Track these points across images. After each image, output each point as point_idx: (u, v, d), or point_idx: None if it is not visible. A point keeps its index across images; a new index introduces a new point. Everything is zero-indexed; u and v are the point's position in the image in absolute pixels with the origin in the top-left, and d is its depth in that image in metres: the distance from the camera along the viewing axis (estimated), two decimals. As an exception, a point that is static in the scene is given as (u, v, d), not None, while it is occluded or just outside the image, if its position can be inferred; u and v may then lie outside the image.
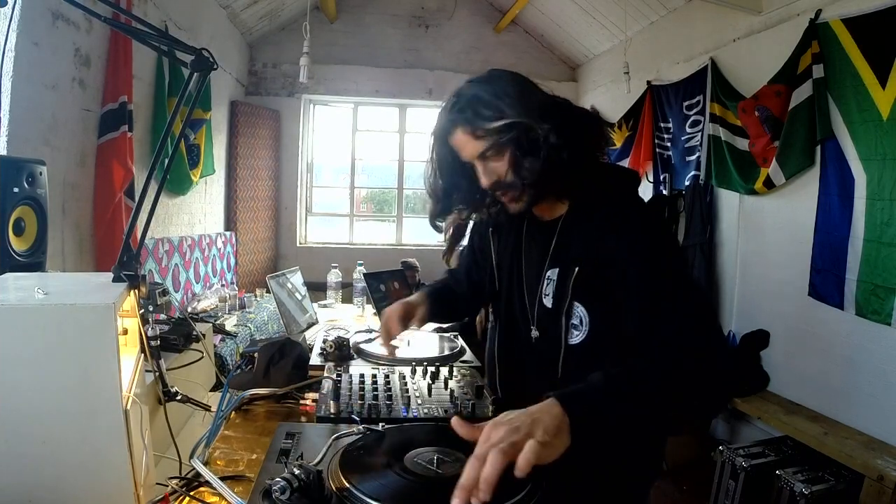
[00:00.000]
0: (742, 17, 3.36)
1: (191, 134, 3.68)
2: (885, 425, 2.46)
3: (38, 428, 0.82)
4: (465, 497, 0.64)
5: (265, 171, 5.26)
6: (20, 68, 2.01)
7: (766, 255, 3.22)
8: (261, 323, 3.47)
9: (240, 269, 4.87)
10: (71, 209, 2.44)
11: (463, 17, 5.58)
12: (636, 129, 4.44)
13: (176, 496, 0.94)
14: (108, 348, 0.82)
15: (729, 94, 3.38)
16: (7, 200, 1.43)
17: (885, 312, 2.42)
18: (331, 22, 5.36)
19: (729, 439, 3.33)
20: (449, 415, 1.16)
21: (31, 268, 1.48)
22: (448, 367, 1.45)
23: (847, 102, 2.60)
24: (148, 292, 1.07)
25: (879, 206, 2.46)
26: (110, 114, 2.62)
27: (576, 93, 5.80)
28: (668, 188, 4.03)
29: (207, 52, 1.12)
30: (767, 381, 3.13)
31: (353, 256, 3.70)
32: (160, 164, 2.27)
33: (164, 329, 1.67)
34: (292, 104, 5.44)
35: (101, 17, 1.24)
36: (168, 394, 1.30)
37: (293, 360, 1.45)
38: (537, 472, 0.68)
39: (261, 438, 1.14)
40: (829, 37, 2.67)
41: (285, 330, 2.02)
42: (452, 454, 0.91)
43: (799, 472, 2.37)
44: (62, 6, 2.22)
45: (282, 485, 0.73)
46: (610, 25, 4.73)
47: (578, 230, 0.94)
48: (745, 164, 3.24)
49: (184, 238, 3.72)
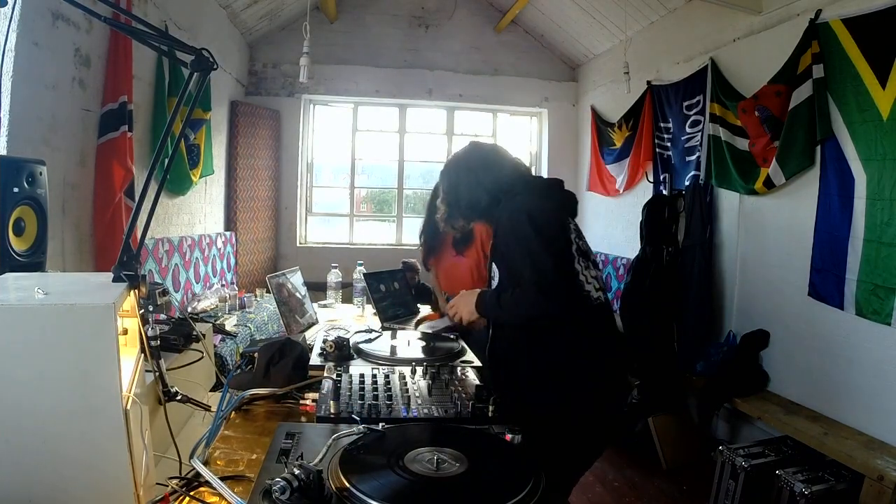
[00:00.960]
0: (742, 17, 3.36)
1: (191, 134, 3.68)
2: (885, 425, 2.46)
3: (39, 427, 0.82)
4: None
5: (265, 171, 5.26)
6: (20, 68, 2.01)
7: (766, 255, 3.22)
8: (261, 323, 3.47)
9: (240, 269, 4.87)
10: (71, 209, 2.44)
11: (463, 17, 5.58)
12: (636, 129, 4.44)
13: (176, 496, 0.94)
14: (108, 348, 0.82)
15: (729, 94, 3.38)
16: (7, 200, 1.43)
17: (885, 312, 2.42)
18: (331, 22, 5.36)
19: (729, 439, 3.33)
20: (449, 415, 1.17)
21: (31, 268, 1.49)
22: (448, 367, 1.45)
23: (847, 102, 2.60)
24: (148, 292, 1.07)
25: (879, 206, 2.46)
26: (110, 114, 2.62)
27: (576, 93, 5.81)
28: (668, 188, 4.03)
29: (207, 52, 1.13)
30: (767, 381, 3.14)
31: (353, 256, 3.70)
32: (160, 164, 2.27)
33: (164, 329, 1.67)
34: (292, 104, 5.44)
35: (101, 17, 1.24)
36: (168, 394, 1.30)
37: (293, 360, 1.46)
38: (537, 472, 0.68)
39: (261, 438, 1.14)
40: (829, 37, 2.67)
41: (285, 330, 2.02)
42: (452, 454, 0.91)
43: (799, 472, 2.37)
44: (62, 6, 2.22)
45: (282, 485, 0.73)
46: (610, 25, 4.73)
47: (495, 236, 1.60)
48: (745, 164, 3.25)
49: (184, 238, 3.72)
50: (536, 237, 1.41)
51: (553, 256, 1.40)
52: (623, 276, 4.47)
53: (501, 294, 1.47)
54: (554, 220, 1.48)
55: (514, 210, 1.49)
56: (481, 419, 1.14)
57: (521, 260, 1.43)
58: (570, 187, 1.70)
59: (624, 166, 4.66)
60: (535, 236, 1.41)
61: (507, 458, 0.94)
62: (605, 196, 5.12)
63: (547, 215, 1.47)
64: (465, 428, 1.06)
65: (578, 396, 1.43)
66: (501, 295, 1.47)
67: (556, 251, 1.42)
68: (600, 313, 1.51)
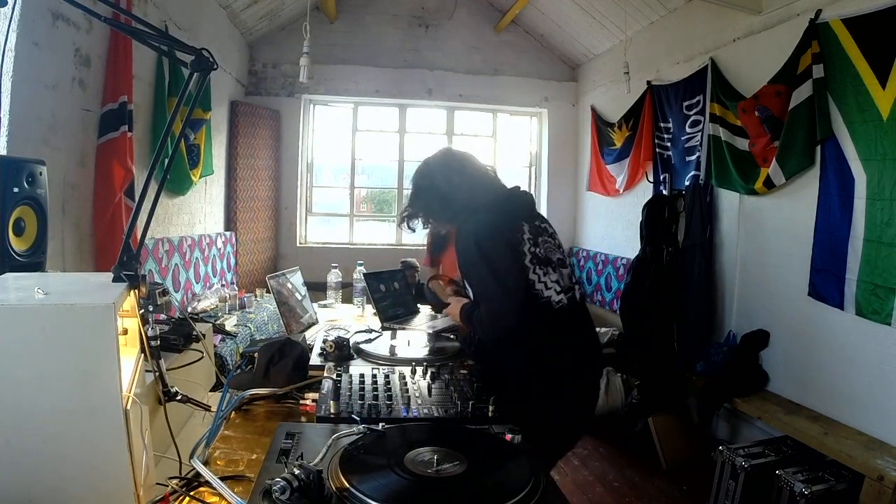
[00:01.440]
0: (742, 17, 3.36)
1: (191, 134, 3.68)
2: (885, 425, 2.46)
3: (39, 427, 0.82)
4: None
5: (265, 171, 5.26)
6: (20, 68, 2.01)
7: (766, 255, 3.22)
8: (261, 323, 3.48)
9: (240, 269, 4.87)
10: (71, 209, 2.44)
11: (463, 17, 5.57)
12: (636, 129, 4.44)
13: (176, 496, 0.94)
14: (108, 348, 0.82)
15: (729, 94, 3.38)
16: (7, 200, 1.43)
17: (885, 312, 2.42)
18: (331, 22, 5.36)
19: (729, 439, 3.33)
20: (449, 415, 1.17)
21: (31, 268, 1.49)
22: (448, 367, 1.45)
23: (847, 102, 2.60)
24: (148, 292, 1.07)
25: (879, 206, 2.46)
26: (110, 114, 2.62)
27: (576, 93, 5.81)
28: (668, 188, 4.03)
29: (207, 52, 1.13)
30: (767, 381, 3.14)
31: (353, 256, 3.70)
32: (160, 164, 2.27)
33: (164, 329, 1.67)
34: (292, 104, 5.44)
35: (101, 17, 1.24)
36: (168, 394, 1.30)
37: (293, 360, 1.46)
38: (537, 472, 0.69)
39: (261, 438, 1.14)
40: (829, 37, 2.67)
41: (285, 330, 2.02)
42: (452, 454, 0.91)
43: (799, 472, 2.37)
44: (62, 6, 2.22)
45: (282, 485, 0.73)
46: (610, 25, 4.73)
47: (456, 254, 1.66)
48: (745, 164, 3.25)
49: (184, 238, 3.72)
50: (483, 263, 1.51)
51: (500, 281, 1.50)
52: (623, 276, 4.47)
53: (473, 312, 1.59)
54: (500, 242, 1.54)
55: (466, 233, 1.59)
56: (481, 419, 1.14)
57: (475, 284, 1.59)
58: (570, 187, 1.77)
59: (624, 166, 4.66)
60: (482, 263, 1.52)
61: (507, 458, 0.94)
62: (605, 196, 5.11)
63: (494, 238, 1.54)
64: (465, 428, 1.06)
65: (543, 399, 1.50)
66: (473, 313, 1.59)
67: (503, 274, 1.50)
68: (562, 317, 1.58)
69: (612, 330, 4.36)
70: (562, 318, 1.58)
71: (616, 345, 4.22)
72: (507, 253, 1.53)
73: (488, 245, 1.53)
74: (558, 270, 1.61)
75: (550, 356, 1.55)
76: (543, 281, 1.56)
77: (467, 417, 1.16)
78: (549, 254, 1.62)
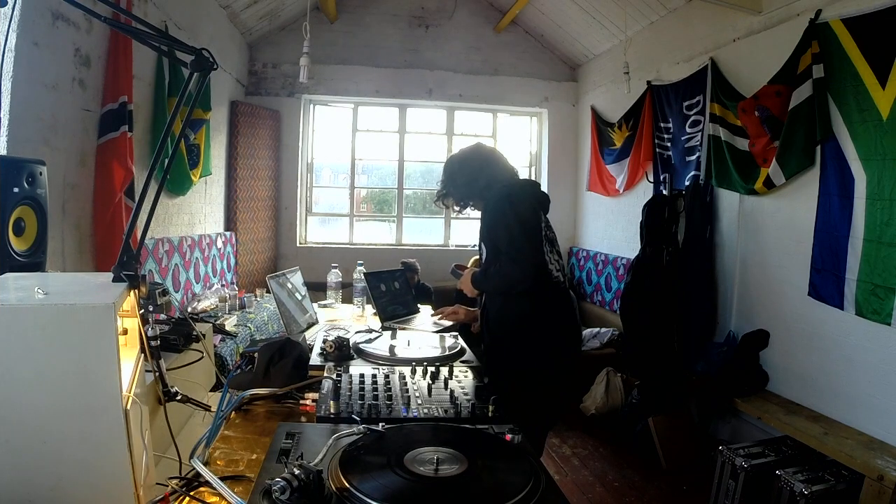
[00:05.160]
0: (742, 17, 3.36)
1: (191, 134, 3.68)
2: (885, 425, 2.46)
3: (38, 427, 0.82)
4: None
5: (265, 171, 5.26)
6: (20, 68, 2.01)
7: (766, 255, 3.22)
8: (261, 323, 3.47)
9: (240, 269, 4.87)
10: (71, 209, 2.44)
11: (463, 17, 5.57)
12: (636, 129, 4.44)
13: (176, 496, 0.94)
14: (108, 348, 0.82)
15: (729, 94, 3.38)
16: (7, 200, 1.43)
17: (885, 312, 2.42)
18: (331, 22, 5.36)
19: (729, 439, 3.33)
20: (449, 415, 1.17)
21: (31, 268, 1.49)
22: (448, 367, 1.45)
23: (847, 103, 2.60)
24: (148, 292, 1.07)
25: (879, 206, 2.46)
26: (110, 114, 2.62)
27: (576, 93, 5.81)
28: (669, 188, 4.02)
29: (207, 52, 1.13)
30: (767, 381, 3.14)
31: (353, 256, 3.70)
32: (160, 164, 2.27)
33: (164, 329, 1.67)
34: (292, 104, 5.44)
35: (101, 17, 1.24)
36: (168, 394, 1.30)
37: (293, 360, 1.46)
38: (537, 472, 0.70)
39: (261, 438, 1.14)
40: (829, 37, 2.67)
41: (285, 330, 2.02)
42: (452, 454, 0.91)
43: (799, 472, 2.37)
44: (62, 6, 2.22)
45: (282, 485, 0.73)
46: (610, 25, 4.73)
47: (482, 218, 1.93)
48: (745, 164, 3.25)
49: (184, 238, 3.72)
50: (514, 216, 1.76)
51: (526, 233, 1.76)
52: (623, 276, 4.47)
53: (487, 269, 1.87)
54: (529, 206, 1.82)
55: (499, 197, 1.84)
56: (481, 419, 1.14)
57: (500, 235, 1.80)
58: (570, 187, 1.87)
59: (624, 166, 4.66)
60: (512, 215, 1.77)
61: (507, 458, 0.94)
62: (605, 196, 5.11)
63: (525, 201, 1.82)
64: (465, 428, 1.06)
65: (538, 348, 1.79)
66: (487, 270, 1.87)
67: (529, 229, 1.77)
68: (559, 290, 1.88)
69: (612, 330, 4.37)
70: (558, 290, 1.88)
71: (616, 345, 4.23)
72: (535, 217, 1.82)
73: (522, 205, 1.80)
74: (559, 257, 1.92)
75: (547, 314, 1.82)
76: (549, 256, 1.85)
77: (467, 417, 1.16)
78: (554, 241, 1.93)
